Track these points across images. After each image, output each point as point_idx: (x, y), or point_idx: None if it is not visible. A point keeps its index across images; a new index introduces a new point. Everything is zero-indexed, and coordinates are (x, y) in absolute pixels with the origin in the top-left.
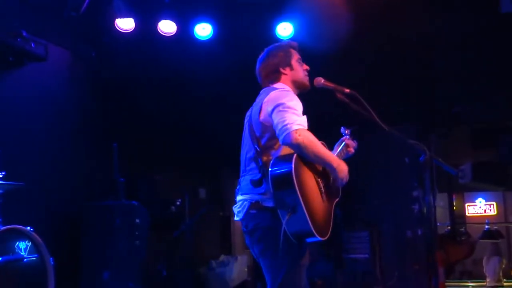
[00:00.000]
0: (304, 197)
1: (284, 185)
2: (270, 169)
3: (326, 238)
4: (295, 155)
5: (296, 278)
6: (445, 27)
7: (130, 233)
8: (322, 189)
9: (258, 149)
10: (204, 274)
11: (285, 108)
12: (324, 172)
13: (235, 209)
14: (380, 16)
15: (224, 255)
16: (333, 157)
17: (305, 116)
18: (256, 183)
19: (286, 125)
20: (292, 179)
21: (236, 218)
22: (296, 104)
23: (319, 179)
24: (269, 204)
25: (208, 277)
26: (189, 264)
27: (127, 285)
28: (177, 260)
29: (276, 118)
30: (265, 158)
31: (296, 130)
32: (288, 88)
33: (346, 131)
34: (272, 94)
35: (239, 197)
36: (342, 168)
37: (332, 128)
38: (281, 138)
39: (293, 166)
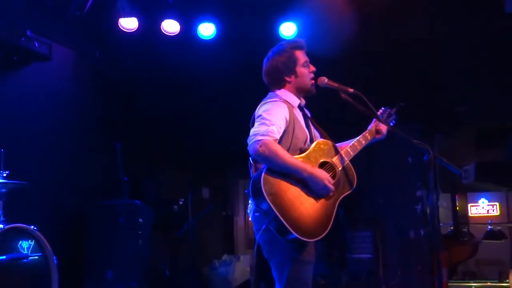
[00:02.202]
0: (280, 206)
1: (257, 195)
2: (250, 183)
3: (318, 238)
4: (266, 167)
5: (299, 274)
6: (450, 27)
7: (134, 233)
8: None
9: (251, 161)
10: (207, 273)
11: (258, 120)
12: None
13: (248, 210)
14: (384, 16)
15: (227, 255)
16: (303, 167)
17: (277, 125)
18: (249, 194)
19: (251, 136)
20: (261, 190)
21: (249, 218)
22: (272, 114)
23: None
24: None
25: (210, 277)
26: (192, 264)
27: (130, 284)
28: (180, 260)
29: (250, 130)
30: (256, 169)
31: (258, 141)
32: (282, 96)
33: (380, 119)
34: (259, 105)
35: (250, 200)
36: (316, 177)
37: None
38: (248, 149)
39: (262, 179)
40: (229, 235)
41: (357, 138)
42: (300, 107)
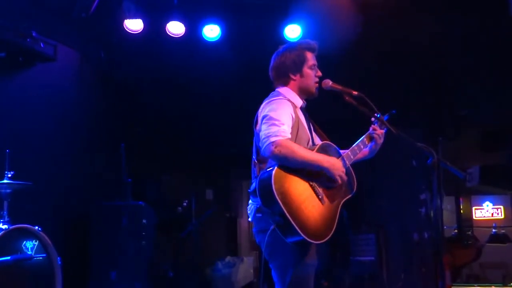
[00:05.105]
0: (289, 206)
1: (266, 194)
2: (257, 182)
3: (324, 240)
4: (275, 167)
5: (302, 276)
6: (454, 30)
7: (137, 234)
8: (320, 192)
9: (255, 160)
10: (210, 275)
11: (267, 120)
12: (320, 174)
13: (248, 211)
14: (387, 19)
15: (230, 256)
16: (321, 158)
17: (287, 124)
18: (253, 193)
19: (264, 138)
20: (271, 189)
21: (249, 219)
22: (280, 113)
23: (314, 183)
24: None
25: (214, 278)
26: (195, 265)
27: (134, 285)
28: (183, 261)
29: (261, 132)
30: (260, 169)
31: (272, 142)
32: (286, 95)
33: (378, 118)
34: (264, 104)
35: (250, 200)
36: (334, 166)
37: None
38: (262, 152)
39: (272, 178)
40: (232, 237)
41: (357, 142)
42: (301, 108)
